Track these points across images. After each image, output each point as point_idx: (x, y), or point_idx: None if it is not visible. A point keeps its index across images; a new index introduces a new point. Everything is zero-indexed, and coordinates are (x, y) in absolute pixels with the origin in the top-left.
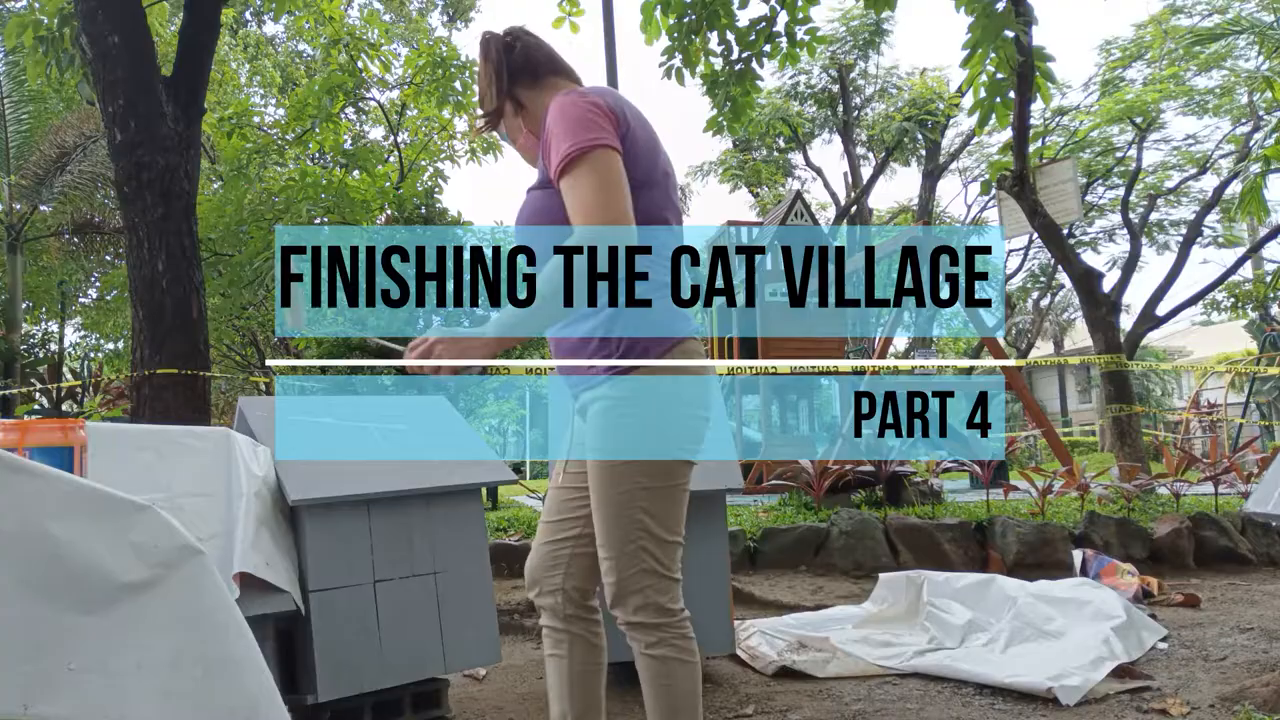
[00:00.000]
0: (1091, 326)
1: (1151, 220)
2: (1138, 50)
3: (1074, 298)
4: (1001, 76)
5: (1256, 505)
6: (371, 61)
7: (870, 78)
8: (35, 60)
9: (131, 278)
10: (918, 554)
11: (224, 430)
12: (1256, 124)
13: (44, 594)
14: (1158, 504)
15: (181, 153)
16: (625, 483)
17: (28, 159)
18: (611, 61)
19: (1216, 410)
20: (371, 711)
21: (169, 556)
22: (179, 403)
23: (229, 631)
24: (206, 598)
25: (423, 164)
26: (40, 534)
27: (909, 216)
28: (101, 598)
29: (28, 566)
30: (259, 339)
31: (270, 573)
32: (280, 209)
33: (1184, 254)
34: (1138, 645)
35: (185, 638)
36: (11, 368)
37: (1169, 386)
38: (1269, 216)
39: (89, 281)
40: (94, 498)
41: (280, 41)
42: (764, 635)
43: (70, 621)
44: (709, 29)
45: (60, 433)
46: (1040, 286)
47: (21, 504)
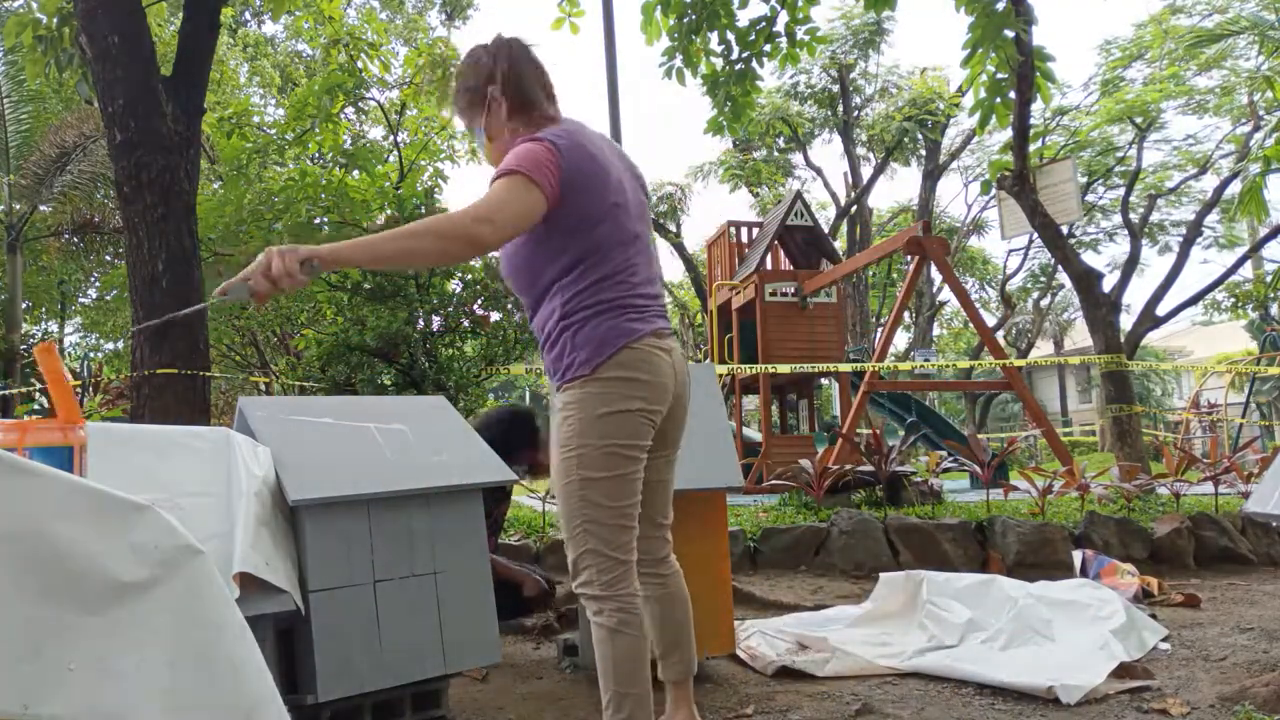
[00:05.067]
0: (1091, 326)
1: (1151, 220)
2: (1138, 50)
3: (1074, 298)
4: (1002, 76)
5: (1256, 505)
6: (371, 61)
7: (870, 77)
8: (34, 60)
9: (131, 278)
10: (918, 554)
11: (224, 430)
12: (1257, 124)
13: (44, 594)
14: (1158, 504)
15: (181, 153)
16: (571, 473)
17: (27, 159)
18: (611, 62)
19: (1216, 410)
20: (371, 711)
21: (169, 556)
22: (179, 403)
23: (229, 631)
24: (206, 598)
25: (423, 164)
26: (40, 534)
27: (909, 216)
28: (101, 598)
29: (27, 566)
30: (259, 339)
31: (270, 573)
32: (280, 209)
33: (1184, 254)
34: (1138, 646)
35: (185, 638)
36: (11, 368)
37: (1169, 386)
38: (1268, 217)
39: (89, 281)
40: (94, 498)
41: (280, 41)
42: (764, 635)
43: (70, 621)
44: (709, 29)
45: (60, 433)
46: (1040, 286)
47: (21, 504)
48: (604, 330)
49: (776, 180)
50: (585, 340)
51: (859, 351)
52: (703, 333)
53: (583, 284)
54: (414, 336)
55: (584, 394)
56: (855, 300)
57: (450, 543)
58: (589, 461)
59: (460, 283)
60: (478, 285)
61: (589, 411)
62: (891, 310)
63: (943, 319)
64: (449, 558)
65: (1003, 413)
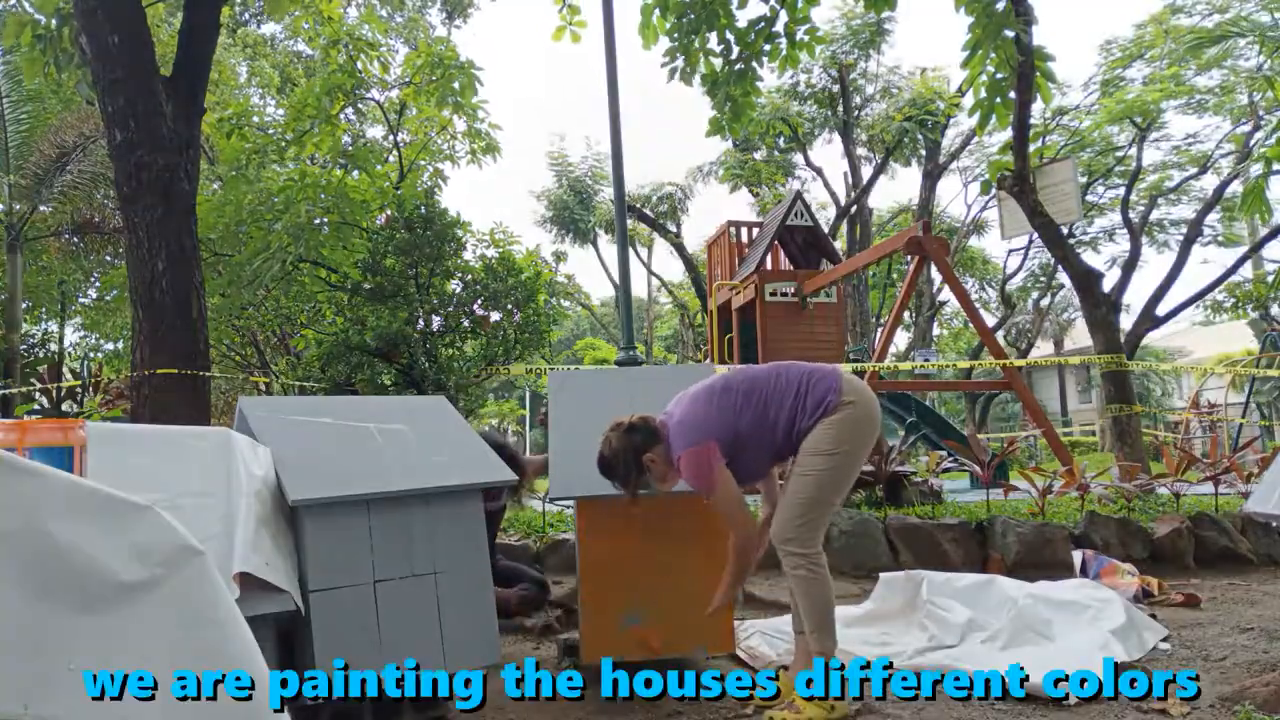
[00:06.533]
0: (1091, 326)
1: (1151, 220)
2: (1138, 50)
3: (1074, 298)
4: (1002, 76)
5: (1256, 505)
6: (371, 62)
7: (870, 77)
8: (31, 59)
9: (131, 278)
10: (918, 554)
11: (224, 430)
12: (1257, 124)
13: (44, 594)
14: (1158, 504)
15: (181, 153)
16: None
17: (27, 159)
18: (611, 63)
19: (1216, 410)
20: (371, 712)
21: (169, 556)
22: (179, 403)
23: (229, 631)
24: (206, 598)
25: (423, 164)
26: (40, 534)
27: (909, 216)
28: (101, 598)
29: (28, 566)
30: (259, 339)
31: (270, 573)
32: (280, 209)
33: (1184, 254)
34: (1139, 646)
35: (185, 638)
36: (11, 368)
37: (1169, 386)
38: (1271, 217)
39: (89, 281)
40: (94, 498)
41: (279, 41)
42: (764, 635)
43: (70, 621)
44: (708, 29)
45: (60, 433)
46: (1040, 286)
47: (21, 504)
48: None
49: (776, 180)
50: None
51: (859, 351)
52: (703, 333)
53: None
54: (414, 336)
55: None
56: (855, 300)
57: (450, 543)
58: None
59: (460, 283)
60: (478, 285)
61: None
62: (891, 310)
63: (943, 319)
64: (449, 558)
65: (1003, 413)
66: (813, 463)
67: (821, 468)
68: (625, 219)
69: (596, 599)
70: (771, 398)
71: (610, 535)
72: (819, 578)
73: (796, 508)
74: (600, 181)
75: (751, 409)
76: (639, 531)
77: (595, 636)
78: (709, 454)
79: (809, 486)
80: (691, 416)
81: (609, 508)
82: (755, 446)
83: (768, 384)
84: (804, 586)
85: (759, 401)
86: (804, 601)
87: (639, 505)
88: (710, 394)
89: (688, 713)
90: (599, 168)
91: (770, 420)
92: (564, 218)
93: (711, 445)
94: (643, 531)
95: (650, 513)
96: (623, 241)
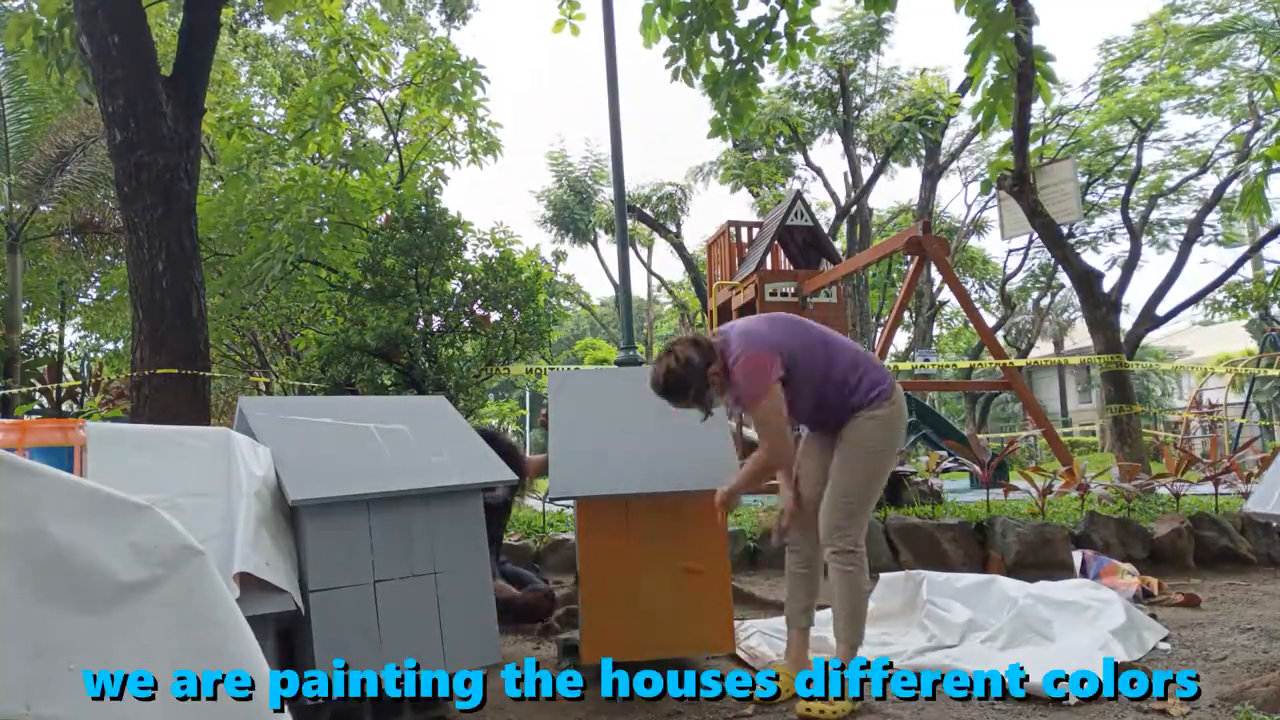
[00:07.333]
0: (1091, 326)
1: (1151, 220)
2: (1138, 49)
3: (1074, 298)
4: (1003, 77)
5: (1256, 505)
6: (371, 62)
7: (870, 78)
8: (35, 61)
9: (131, 278)
10: (918, 554)
11: (224, 430)
12: (1257, 123)
13: (44, 594)
14: (1158, 504)
15: (181, 152)
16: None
17: (28, 159)
18: (611, 63)
19: (1217, 410)
20: (371, 712)
21: (169, 556)
22: (179, 403)
23: (229, 631)
24: (206, 598)
25: (423, 164)
26: (40, 534)
27: (909, 216)
28: (101, 598)
29: (28, 566)
30: (259, 339)
31: (270, 573)
32: (280, 209)
33: (1184, 253)
34: (1139, 646)
35: (186, 637)
36: (11, 368)
37: (1169, 386)
38: (1270, 216)
39: (89, 281)
40: (94, 498)
41: (280, 41)
42: (764, 635)
43: (70, 621)
44: (709, 30)
45: (60, 433)
46: (1040, 286)
47: (21, 504)
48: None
49: (777, 180)
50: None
51: None
52: (703, 333)
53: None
54: (414, 336)
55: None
56: (855, 300)
57: (450, 543)
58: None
59: (460, 283)
60: (478, 285)
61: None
62: (891, 310)
63: (943, 319)
64: (449, 558)
65: (1003, 413)
66: (861, 458)
67: (871, 465)
68: (625, 219)
69: (596, 599)
70: (834, 348)
71: (610, 535)
72: (864, 573)
73: (846, 505)
74: (600, 181)
75: (812, 349)
76: (639, 531)
77: (595, 636)
78: (770, 361)
79: (859, 484)
80: (756, 329)
81: (609, 508)
82: (806, 382)
83: (828, 335)
84: (852, 582)
85: (821, 344)
86: (849, 597)
87: (638, 505)
88: (772, 320)
89: (688, 713)
90: (599, 168)
91: (823, 369)
92: (564, 218)
93: (774, 356)
94: (643, 531)
95: (650, 513)
96: (623, 241)
